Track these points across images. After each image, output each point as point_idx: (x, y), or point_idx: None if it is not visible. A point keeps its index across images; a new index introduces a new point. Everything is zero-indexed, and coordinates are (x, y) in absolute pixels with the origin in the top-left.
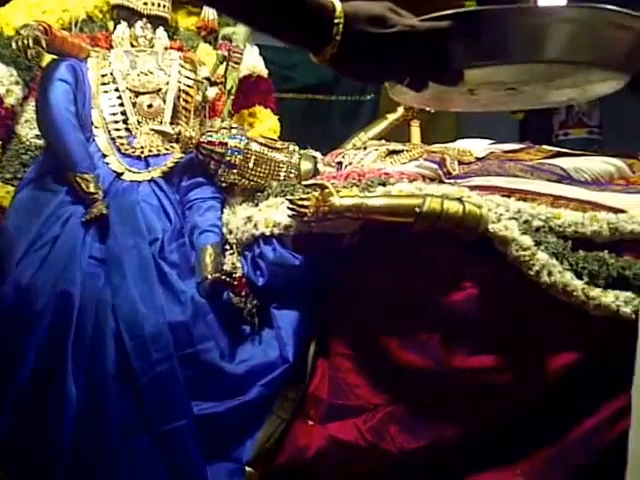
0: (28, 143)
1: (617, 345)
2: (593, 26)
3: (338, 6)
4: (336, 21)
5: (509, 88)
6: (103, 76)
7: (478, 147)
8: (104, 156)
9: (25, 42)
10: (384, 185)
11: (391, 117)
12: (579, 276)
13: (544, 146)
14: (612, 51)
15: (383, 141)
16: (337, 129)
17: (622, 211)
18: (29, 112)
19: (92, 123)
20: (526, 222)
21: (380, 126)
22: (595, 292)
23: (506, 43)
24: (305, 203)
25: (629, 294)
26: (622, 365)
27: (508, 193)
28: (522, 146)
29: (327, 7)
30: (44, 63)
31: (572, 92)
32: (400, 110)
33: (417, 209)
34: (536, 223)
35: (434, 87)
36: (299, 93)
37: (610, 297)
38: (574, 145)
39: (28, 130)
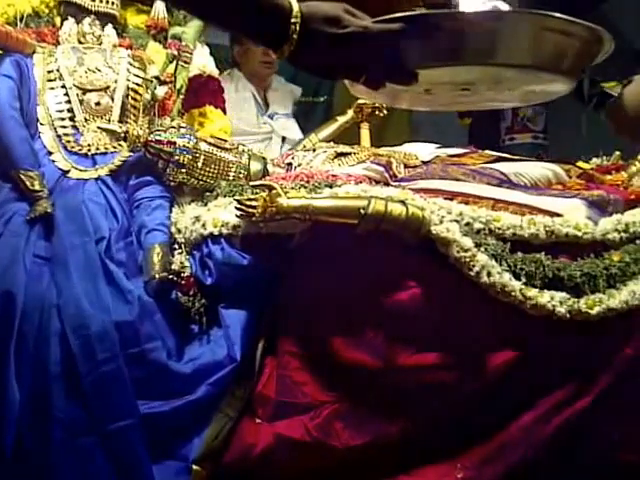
0: None
1: (553, 343)
2: (539, 31)
3: (295, 6)
4: (293, 20)
5: (463, 89)
6: (49, 72)
7: (424, 151)
8: (50, 153)
9: None
10: (331, 187)
11: (341, 119)
12: (517, 277)
13: (487, 151)
14: (557, 56)
15: (332, 143)
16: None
17: (558, 215)
18: None
19: (37, 120)
20: (467, 224)
21: (330, 128)
22: (532, 292)
23: (457, 46)
24: (253, 203)
25: (564, 294)
26: (557, 362)
27: (450, 196)
28: (466, 151)
29: (284, 7)
30: None
31: (523, 94)
32: (350, 113)
33: (362, 211)
34: (477, 225)
35: (391, 85)
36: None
37: (546, 297)
38: (520, 149)
39: None
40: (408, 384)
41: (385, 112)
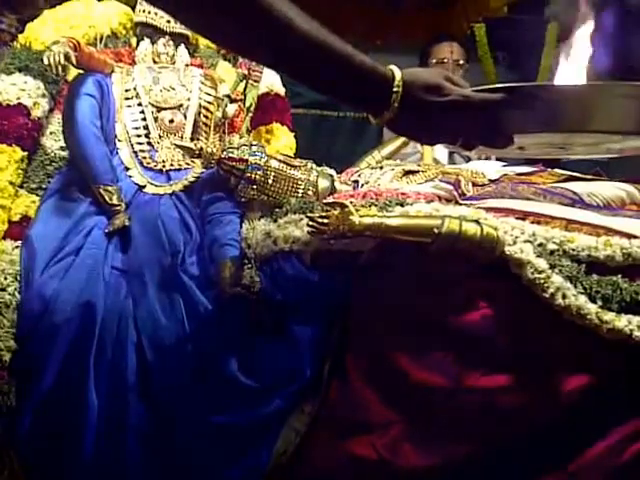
0: (53, 154)
1: (629, 369)
2: (625, 99)
3: (397, 75)
4: (395, 89)
5: (559, 147)
6: (127, 91)
7: (491, 169)
8: (127, 169)
9: (56, 58)
10: (402, 205)
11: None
12: (593, 300)
13: (556, 170)
14: None
15: (398, 161)
16: (343, 145)
17: (635, 236)
18: (54, 124)
19: (116, 136)
20: (541, 245)
21: (394, 145)
22: (608, 316)
23: (556, 115)
24: (325, 221)
25: None
26: (634, 388)
27: (522, 216)
28: (534, 169)
29: (387, 76)
30: (70, 77)
31: (618, 151)
32: None
33: (436, 230)
34: (550, 246)
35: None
36: (308, 109)
37: (623, 321)
38: (577, 167)
39: (53, 142)
40: (477, 406)
41: None
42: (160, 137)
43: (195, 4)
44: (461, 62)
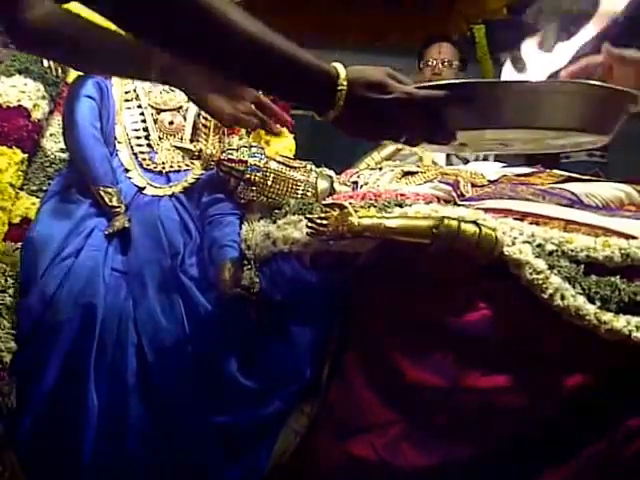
0: (53, 156)
1: (628, 368)
2: (574, 97)
3: (342, 73)
4: (339, 88)
5: (500, 144)
6: (126, 93)
7: (490, 170)
8: (127, 171)
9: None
10: (401, 206)
11: None
12: (591, 300)
13: (555, 171)
14: (593, 118)
15: (398, 162)
16: (342, 147)
17: (633, 237)
18: (54, 126)
19: (115, 138)
20: (539, 246)
21: (393, 146)
22: (607, 317)
23: (498, 111)
24: (324, 222)
25: None
26: (632, 388)
27: (521, 216)
28: (533, 170)
29: (332, 74)
30: (70, 79)
31: (560, 146)
32: None
33: (434, 230)
34: (549, 247)
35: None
36: (308, 110)
37: (622, 322)
38: (575, 168)
39: (53, 144)
40: (476, 406)
41: None
42: (160, 139)
43: (130, 2)
44: (453, 62)
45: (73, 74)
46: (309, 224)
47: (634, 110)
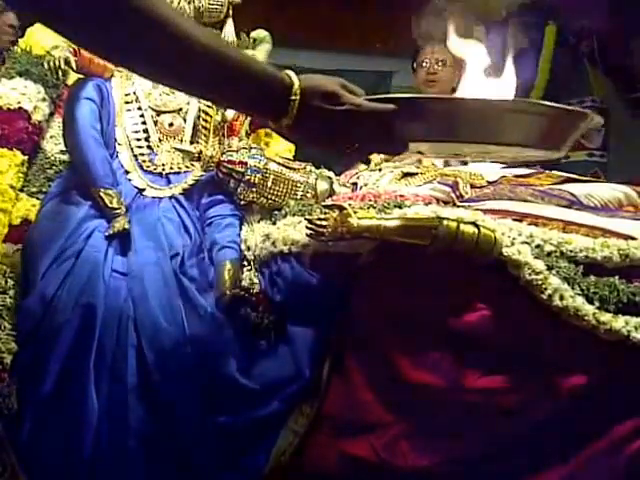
0: (53, 158)
1: (627, 369)
2: (521, 115)
3: (295, 82)
4: (292, 97)
5: (455, 154)
6: (127, 95)
7: (489, 171)
8: (127, 172)
9: (57, 63)
10: (400, 207)
11: None
12: (590, 301)
13: (554, 172)
14: (541, 135)
15: (397, 163)
16: None
17: (632, 238)
18: (54, 128)
19: (116, 140)
20: (538, 246)
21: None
22: (606, 317)
23: (449, 126)
24: (323, 223)
25: (639, 320)
26: (632, 389)
27: (520, 217)
28: (532, 171)
29: (285, 83)
30: (70, 81)
31: (512, 158)
32: None
33: (433, 232)
34: (548, 248)
35: (436, 150)
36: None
37: (620, 322)
38: (575, 168)
39: (53, 145)
40: (475, 406)
41: None
42: (160, 141)
43: (74, 12)
44: (447, 61)
45: (73, 76)
46: (309, 225)
47: (592, 126)
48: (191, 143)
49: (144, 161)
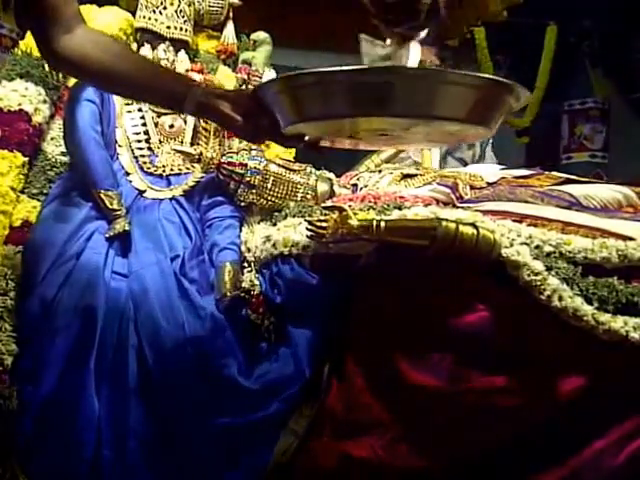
0: (54, 160)
1: (626, 369)
2: (432, 84)
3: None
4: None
5: (381, 133)
6: None
7: (489, 172)
8: (127, 174)
9: None
10: (400, 208)
11: None
12: (589, 301)
13: (554, 173)
14: (454, 105)
15: (397, 164)
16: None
17: (631, 238)
18: (55, 130)
19: (116, 142)
20: (537, 247)
21: (392, 149)
22: (605, 317)
23: (349, 100)
24: (323, 225)
25: (638, 320)
26: (630, 388)
27: (519, 218)
28: (532, 172)
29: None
30: (70, 83)
31: (443, 136)
32: None
33: (433, 233)
34: (547, 248)
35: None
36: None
37: (619, 322)
38: (577, 168)
39: (54, 147)
40: (475, 407)
41: None
42: (160, 142)
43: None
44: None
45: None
46: (309, 227)
47: (517, 105)
48: (191, 145)
49: (144, 162)
